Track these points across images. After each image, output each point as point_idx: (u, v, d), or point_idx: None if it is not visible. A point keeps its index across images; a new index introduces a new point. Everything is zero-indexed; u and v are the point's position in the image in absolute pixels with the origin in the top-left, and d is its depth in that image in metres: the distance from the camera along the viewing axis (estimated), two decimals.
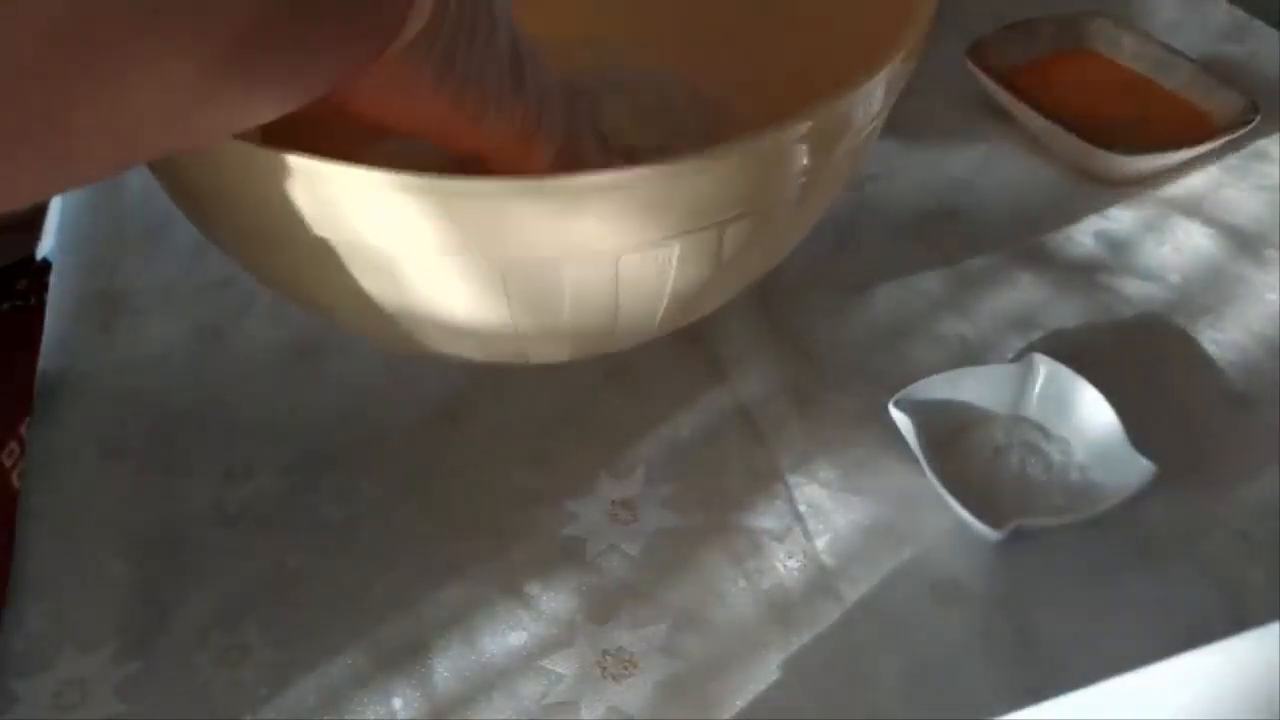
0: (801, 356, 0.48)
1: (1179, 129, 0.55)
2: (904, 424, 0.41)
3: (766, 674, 0.37)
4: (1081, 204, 0.55)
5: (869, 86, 0.34)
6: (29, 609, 0.39)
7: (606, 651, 0.38)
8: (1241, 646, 0.29)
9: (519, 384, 0.46)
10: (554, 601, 0.39)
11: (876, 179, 0.56)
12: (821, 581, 0.39)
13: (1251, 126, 0.55)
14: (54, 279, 0.54)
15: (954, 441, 0.43)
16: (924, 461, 0.40)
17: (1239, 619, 0.38)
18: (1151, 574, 0.39)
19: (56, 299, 0.52)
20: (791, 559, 0.40)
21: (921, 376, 0.43)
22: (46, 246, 0.59)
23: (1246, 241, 0.52)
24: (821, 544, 0.41)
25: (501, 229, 0.32)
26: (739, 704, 0.36)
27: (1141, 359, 0.47)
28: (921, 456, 0.41)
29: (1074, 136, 0.54)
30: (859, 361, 0.47)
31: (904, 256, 0.52)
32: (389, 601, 0.39)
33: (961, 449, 0.42)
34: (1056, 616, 0.38)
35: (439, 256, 0.32)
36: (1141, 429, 0.41)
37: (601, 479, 0.43)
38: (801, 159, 0.34)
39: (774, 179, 0.34)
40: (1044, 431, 0.43)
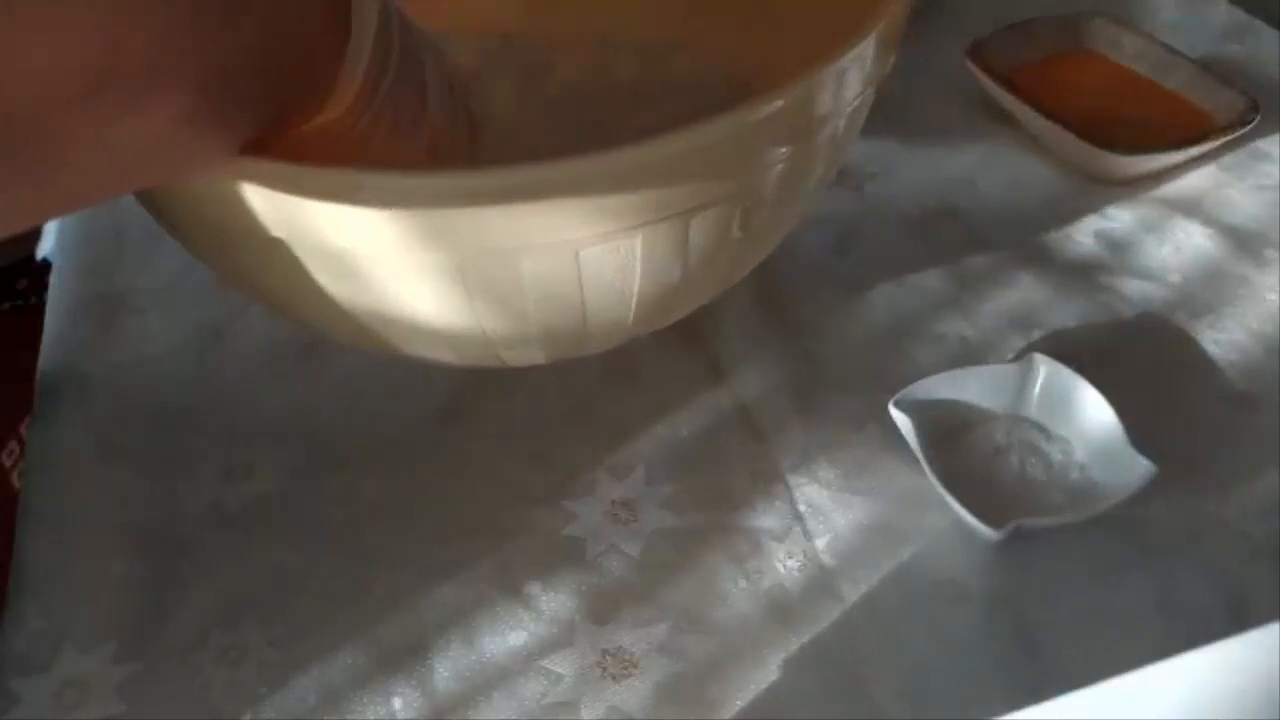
0: (801, 356, 0.47)
1: (1179, 129, 0.55)
2: (904, 424, 0.41)
3: (766, 674, 0.37)
4: (1081, 204, 0.55)
5: (834, 68, 0.33)
6: (29, 609, 0.39)
7: (606, 651, 0.38)
8: (1241, 646, 0.29)
9: (519, 384, 0.46)
10: (554, 601, 0.39)
11: (876, 179, 0.56)
12: (822, 581, 0.39)
13: (1251, 126, 0.55)
14: (54, 279, 0.54)
15: (954, 441, 0.43)
16: (924, 461, 0.40)
17: (1239, 619, 0.37)
18: (1151, 574, 0.39)
19: (56, 299, 0.52)
20: (792, 559, 0.40)
21: (921, 376, 0.43)
22: (46, 246, 0.59)
23: (1246, 241, 0.52)
24: (822, 544, 0.41)
25: (454, 223, 0.31)
26: (739, 704, 0.36)
27: (1141, 359, 0.47)
28: (921, 456, 0.41)
29: (1074, 136, 0.54)
30: (859, 361, 0.47)
31: (904, 256, 0.52)
32: (389, 601, 0.39)
33: (962, 449, 0.42)
34: (1056, 616, 0.38)
35: (397, 254, 0.32)
36: (1141, 429, 0.41)
37: (601, 479, 0.43)
38: (768, 144, 0.33)
39: (740, 166, 0.33)
40: (1044, 431, 0.43)
